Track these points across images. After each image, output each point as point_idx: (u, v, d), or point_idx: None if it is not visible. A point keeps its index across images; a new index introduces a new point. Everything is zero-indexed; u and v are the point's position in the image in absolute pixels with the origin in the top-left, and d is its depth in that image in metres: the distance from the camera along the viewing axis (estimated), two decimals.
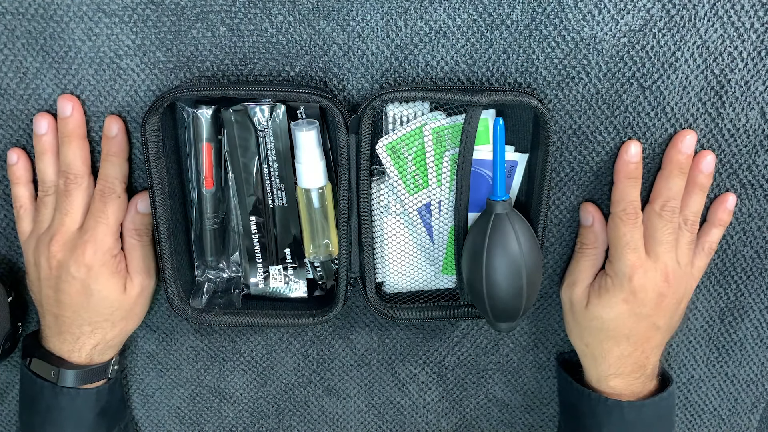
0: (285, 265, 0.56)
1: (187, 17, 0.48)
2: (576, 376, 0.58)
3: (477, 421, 0.66)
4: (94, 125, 0.52)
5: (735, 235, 0.56)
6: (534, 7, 0.48)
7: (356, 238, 0.52)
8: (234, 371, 0.63)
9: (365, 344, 0.62)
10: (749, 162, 0.53)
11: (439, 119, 0.50)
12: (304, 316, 0.55)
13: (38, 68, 0.50)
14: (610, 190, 0.54)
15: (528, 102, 0.47)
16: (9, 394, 0.64)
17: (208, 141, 0.50)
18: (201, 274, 0.55)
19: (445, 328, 0.61)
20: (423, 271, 0.55)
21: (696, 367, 0.63)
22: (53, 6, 0.48)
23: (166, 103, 0.47)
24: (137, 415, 0.65)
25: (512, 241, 0.48)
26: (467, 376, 0.63)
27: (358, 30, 0.49)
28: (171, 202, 0.51)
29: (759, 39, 0.49)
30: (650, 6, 0.48)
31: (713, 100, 0.51)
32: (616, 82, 0.50)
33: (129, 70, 0.50)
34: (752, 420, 0.66)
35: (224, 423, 0.66)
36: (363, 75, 0.50)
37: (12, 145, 0.53)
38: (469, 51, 0.49)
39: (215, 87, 0.48)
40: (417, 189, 0.52)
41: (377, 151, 0.50)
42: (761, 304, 0.60)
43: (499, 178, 0.48)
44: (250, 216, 0.53)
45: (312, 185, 0.51)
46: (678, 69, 0.50)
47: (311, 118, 0.50)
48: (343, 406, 0.65)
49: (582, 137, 0.52)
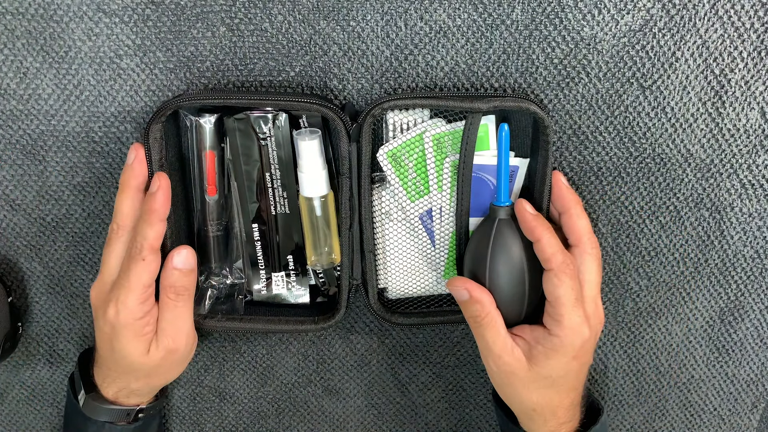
0: (287, 271, 0.56)
1: (187, 17, 0.48)
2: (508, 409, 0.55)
3: (477, 421, 0.66)
4: (94, 125, 0.52)
5: (735, 235, 0.56)
6: (534, 7, 0.48)
7: (358, 245, 0.52)
8: (234, 371, 0.63)
9: (365, 344, 0.62)
10: (749, 162, 0.53)
11: (440, 126, 0.50)
12: (307, 323, 0.55)
13: (38, 68, 0.50)
14: (610, 190, 0.54)
15: (527, 108, 0.47)
16: (9, 394, 0.64)
17: (211, 149, 0.50)
18: (204, 280, 0.55)
19: (445, 328, 0.61)
20: (425, 276, 0.55)
21: (696, 367, 0.63)
22: (53, 6, 0.48)
23: (168, 112, 0.47)
24: None
25: (515, 247, 0.48)
26: (467, 376, 0.63)
27: (358, 30, 0.49)
28: (174, 209, 0.51)
29: (759, 39, 0.49)
30: (650, 6, 0.48)
31: (713, 100, 0.51)
32: (616, 82, 0.50)
33: (129, 70, 0.50)
34: (752, 420, 0.66)
35: (224, 423, 0.66)
36: (363, 75, 0.50)
37: (12, 145, 0.53)
38: (469, 51, 0.49)
39: (217, 96, 0.48)
40: (418, 195, 0.52)
41: (378, 158, 0.50)
42: (761, 304, 0.60)
43: (503, 183, 0.48)
44: (253, 223, 0.53)
45: (314, 194, 0.51)
46: (678, 69, 0.50)
47: (313, 127, 0.50)
48: (343, 406, 0.65)
49: (582, 137, 0.52)
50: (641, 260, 0.57)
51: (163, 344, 0.50)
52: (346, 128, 0.48)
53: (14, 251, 0.58)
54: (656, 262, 0.57)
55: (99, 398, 0.53)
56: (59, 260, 0.58)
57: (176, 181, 0.51)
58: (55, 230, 0.56)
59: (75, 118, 0.52)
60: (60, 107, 0.51)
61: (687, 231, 0.56)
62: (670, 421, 0.65)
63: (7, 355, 0.58)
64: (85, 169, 0.54)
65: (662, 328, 0.60)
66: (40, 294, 0.59)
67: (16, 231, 0.56)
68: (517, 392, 0.50)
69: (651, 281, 0.58)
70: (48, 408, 0.65)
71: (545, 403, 0.50)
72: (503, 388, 0.51)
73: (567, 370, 0.48)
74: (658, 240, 0.57)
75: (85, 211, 0.56)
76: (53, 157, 0.53)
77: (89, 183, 0.54)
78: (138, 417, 0.54)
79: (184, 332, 0.50)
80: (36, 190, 0.55)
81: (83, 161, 0.54)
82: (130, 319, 0.48)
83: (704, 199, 0.55)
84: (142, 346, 0.49)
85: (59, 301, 0.59)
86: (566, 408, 0.51)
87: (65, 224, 0.56)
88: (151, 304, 0.49)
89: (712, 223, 0.56)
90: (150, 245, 0.47)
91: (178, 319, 0.50)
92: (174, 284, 0.48)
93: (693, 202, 0.55)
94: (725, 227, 0.56)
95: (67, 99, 0.51)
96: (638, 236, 0.56)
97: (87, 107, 0.51)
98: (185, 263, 0.48)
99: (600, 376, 0.63)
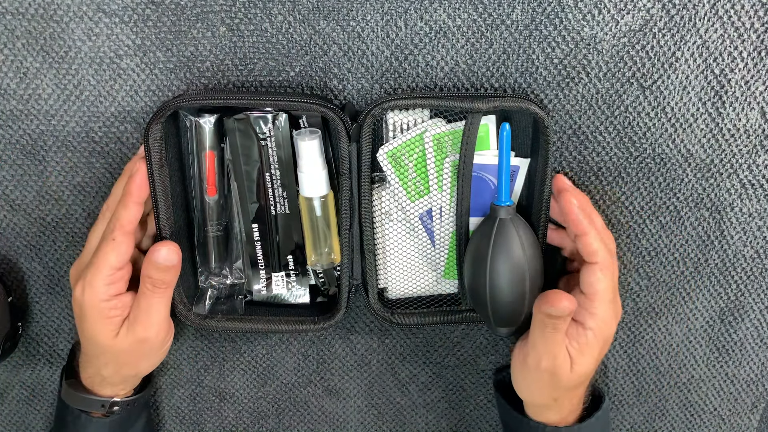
0: (287, 271, 0.56)
1: (187, 17, 0.48)
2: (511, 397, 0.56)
3: (477, 421, 0.66)
4: (94, 125, 0.52)
5: (735, 235, 0.56)
6: (534, 7, 0.48)
7: (358, 245, 0.52)
8: (234, 371, 0.63)
9: (365, 344, 0.62)
10: (749, 162, 0.53)
11: (440, 126, 0.50)
12: (307, 323, 0.55)
13: (38, 68, 0.50)
14: (610, 190, 0.54)
15: (527, 108, 0.47)
16: (9, 394, 0.64)
17: (210, 149, 0.50)
18: (204, 280, 0.56)
19: (445, 328, 0.61)
20: (425, 276, 0.55)
21: (696, 367, 0.63)
22: (53, 6, 0.48)
23: (168, 112, 0.47)
24: None
25: (516, 247, 0.48)
26: (467, 376, 0.63)
27: (358, 30, 0.49)
28: (174, 210, 0.51)
29: (759, 39, 0.49)
30: (650, 6, 0.48)
31: (713, 100, 0.51)
32: (616, 82, 0.50)
33: (129, 70, 0.50)
34: (752, 420, 0.66)
35: (224, 423, 0.66)
36: (363, 75, 0.50)
37: (12, 145, 0.53)
38: (469, 51, 0.49)
39: (217, 96, 0.48)
40: (418, 195, 0.52)
41: (378, 158, 0.50)
42: (761, 304, 0.60)
43: (504, 183, 0.48)
44: (253, 223, 0.53)
45: (314, 194, 0.51)
46: (678, 69, 0.50)
47: (313, 127, 0.50)
48: (343, 406, 0.65)
49: (582, 137, 0.52)
50: (641, 260, 0.57)
51: (134, 331, 0.49)
52: (346, 128, 0.48)
53: (14, 251, 0.58)
54: (656, 262, 0.57)
55: (77, 385, 0.53)
56: (59, 260, 0.58)
57: (176, 182, 0.51)
58: (55, 230, 0.56)
59: (75, 118, 0.52)
60: (60, 107, 0.51)
61: (687, 231, 0.56)
62: (670, 421, 0.65)
63: (7, 355, 0.58)
64: (85, 169, 0.54)
65: (662, 328, 0.60)
66: (40, 294, 0.59)
67: (16, 231, 0.56)
68: (548, 388, 0.50)
69: (651, 281, 0.58)
70: (48, 408, 0.65)
71: (571, 395, 0.52)
72: (533, 383, 0.51)
73: (595, 365, 0.50)
74: (658, 240, 0.57)
75: (85, 211, 0.55)
76: (53, 157, 0.53)
77: (89, 183, 0.54)
78: (113, 410, 0.54)
79: (156, 323, 0.50)
80: (36, 190, 0.55)
81: (83, 161, 0.54)
82: (95, 299, 0.47)
83: (704, 199, 0.55)
84: (108, 328, 0.48)
85: (59, 301, 0.59)
86: (580, 396, 0.53)
87: (65, 224, 0.56)
88: (120, 288, 0.49)
89: (712, 223, 0.56)
90: (121, 226, 0.47)
91: (152, 308, 0.49)
92: (151, 276, 0.48)
93: (693, 202, 0.55)
94: (725, 227, 0.56)
95: (67, 99, 0.51)
96: (638, 236, 0.56)
97: (87, 107, 0.51)
98: (165, 259, 0.47)
99: (600, 376, 0.63)
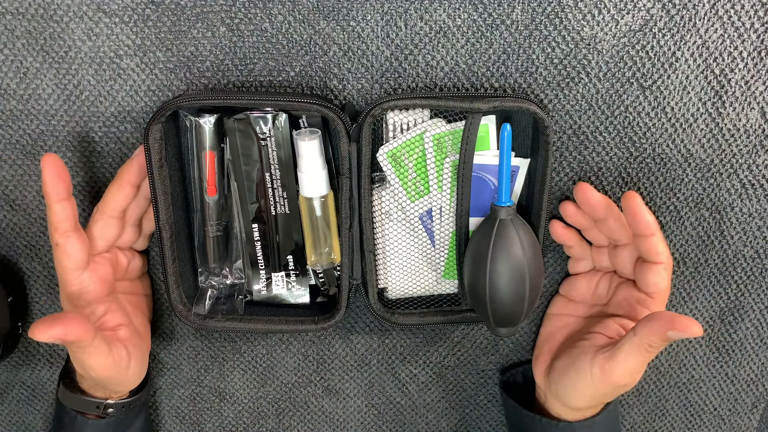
0: (287, 271, 0.56)
1: (187, 17, 0.48)
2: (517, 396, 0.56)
3: (477, 421, 0.66)
4: (94, 125, 0.52)
5: (735, 235, 0.56)
6: (534, 7, 0.48)
7: (358, 245, 0.52)
8: (234, 371, 0.63)
9: (365, 344, 0.62)
10: (749, 162, 0.53)
11: (440, 126, 0.50)
12: (307, 323, 0.55)
13: (38, 68, 0.50)
14: (610, 190, 0.54)
15: (527, 108, 0.47)
16: (9, 394, 0.64)
17: (210, 149, 0.50)
18: (204, 280, 0.55)
19: (445, 328, 0.61)
20: (425, 276, 0.55)
21: (696, 367, 0.63)
22: (53, 6, 0.48)
23: (168, 112, 0.47)
24: None
25: (516, 247, 0.48)
26: (467, 376, 0.63)
27: (358, 30, 0.49)
28: (174, 210, 0.51)
29: (759, 39, 0.49)
30: (650, 6, 0.48)
31: (713, 100, 0.51)
32: (616, 82, 0.50)
33: (129, 70, 0.50)
34: (752, 420, 0.66)
35: (224, 423, 0.66)
36: (363, 75, 0.50)
37: (12, 145, 0.53)
38: (469, 51, 0.49)
39: (217, 96, 0.48)
40: (418, 196, 0.52)
41: (378, 158, 0.50)
42: (761, 304, 0.60)
43: (505, 183, 0.48)
44: (253, 223, 0.53)
45: (314, 194, 0.51)
46: (678, 69, 0.50)
47: (313, 127, 0.50)
48: (343, 406, 0.65)
49: (582, 137, 0.52)
50: None
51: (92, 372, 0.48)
52: (346, 128, 0.48)
53: (14, 251, 0.58)
54: None
55: (72, 386, 0.54)
56: None
57: (176, 182, 0.52)
58: None
59: (75, 118, 0.52)
60: (60, 107, 0.51)
61: (687, 231, 0.56)
62: (670, 421, 0.65)
63: (7, 355, 0.58)
64: (85, 169, 0.54)
65: None
66: (40, 294, 0.59)
67: (16, 231, 0.56)
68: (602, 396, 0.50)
69: None
70: (48, 408, 0.65)
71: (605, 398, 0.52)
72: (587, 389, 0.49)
73: None
74: None
75: (85, 211, 0.55)
76: None
77: (89, 183, 0.54)
78: (108, 412, 0.54)
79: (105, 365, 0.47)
80: (36, 190, 0.55)
81: (83, 161, 0.54)
82: (64, 300, 0.50)
83: (704, 199, 0.55)
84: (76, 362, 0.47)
85: (59, 301, 0.59)
86: None
87: None
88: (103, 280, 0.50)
89: (712, 223, 0.56)
90: (55, 229, 0.47)
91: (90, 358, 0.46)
92: None
93: (693, 202, 0.55)
94: (725, 227, 0.56)
95: (67, 99, 0.51)
96: None
97: (87, 107, 0.51)
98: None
99: None
